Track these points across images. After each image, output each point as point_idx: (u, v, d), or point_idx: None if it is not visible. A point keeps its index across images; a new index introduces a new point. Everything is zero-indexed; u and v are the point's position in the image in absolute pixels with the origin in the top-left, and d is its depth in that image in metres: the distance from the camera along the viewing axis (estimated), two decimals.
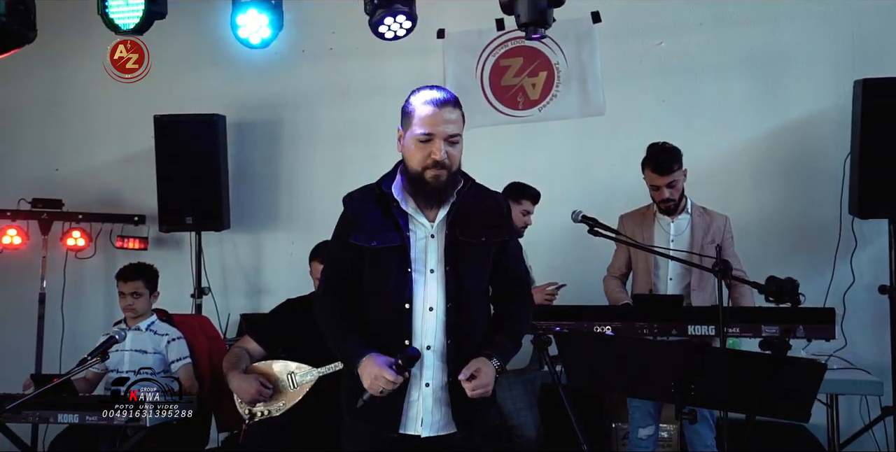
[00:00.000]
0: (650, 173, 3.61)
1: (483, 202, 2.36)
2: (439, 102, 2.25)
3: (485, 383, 2.16)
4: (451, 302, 2.22)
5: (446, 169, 2.23)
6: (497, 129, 4.96)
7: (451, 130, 2.25)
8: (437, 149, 2.21)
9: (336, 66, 5.23)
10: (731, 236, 3.76)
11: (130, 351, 3.94)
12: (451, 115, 2.26)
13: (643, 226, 3.71)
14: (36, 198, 5.09)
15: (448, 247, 2.25)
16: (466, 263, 2.26)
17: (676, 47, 4.78)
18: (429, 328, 2.22)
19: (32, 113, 5.58)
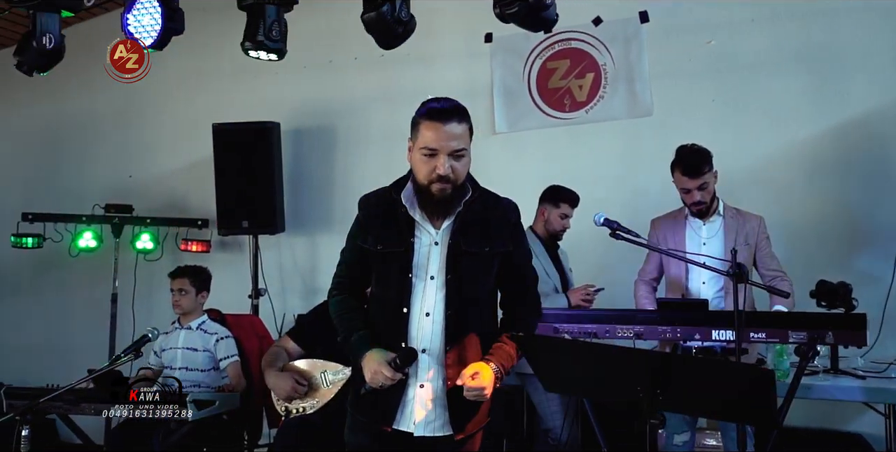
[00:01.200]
0: (680, 176, 3.54)
1: (490, 211, 2.38)
2: (444, 117, 2.29)
3: (481, 386, 2.17)
4: (451, 309, 2.26)
5: (451, 183, 2.26)
6: (544, 132, 4.98)
7: (454, 145, 2.26)
8: (441, 164, 2.24)
9: (387, 73, 5.34)
10: (767, 237, 3.64)
11: (182, 349, 4.15)
12: (455, 130, 2.27)
13: (675, 230, 3.64)
14: (109, 204, 5.41)
15: (451, 256, 2.28)
16: (468, 272, 2.29)
17: (727, 45, 4.66)
18: (425, 332, 2.27)
19: (108, 123, 5.95)
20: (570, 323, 3.14)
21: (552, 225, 4.04)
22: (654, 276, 3.77)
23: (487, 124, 5.10)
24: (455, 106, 2.36)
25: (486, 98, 5.11)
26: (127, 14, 2.80)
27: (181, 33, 2.94)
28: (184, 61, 5.65)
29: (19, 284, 6.00)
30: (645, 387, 1.71)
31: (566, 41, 4.94)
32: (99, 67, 5.89)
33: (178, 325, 4.22)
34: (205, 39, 4.96)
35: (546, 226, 4.06)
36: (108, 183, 5.82)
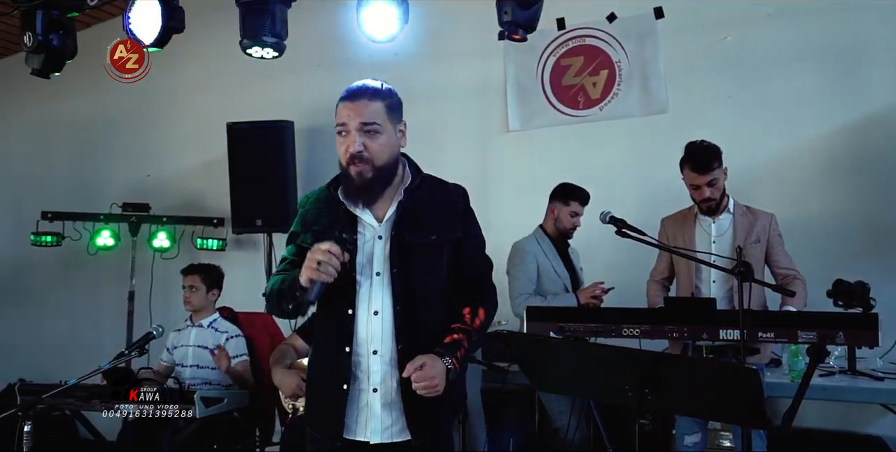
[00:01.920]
0: (689, 172, 3.48)
1: (436, 197, 2.23)
2: (354, 95, 2.12)
3: (429, 376, 2.01)
4: (399, 305, 2.11)
5: (367, 163, 2.08)
6: (557, 129, 4.94)
7: (366, 117, 2.08)
8: (351, 142, 2.08)
9: (401, 72, 5.30)
10: (779, 234, 3.57)
11: (193, 347, 4.17)
12: (365, 105, 2.10)
13: (684, 228, 3.59)
14: (126, 203, 5.46)
15: (394, 249, 2.13)
16: (415, 264, 2.13)
17: (743, 40, 4.59)
18: (374, 333, 2.11)
19: (126, 123, 6.01)
20: (574, 321, 3.10)
21: (562, 223, 4.00)
22: (666, 276, 3.72)
23: (501, 122, 5.07)
24: (368, 85, 2.17)
25: (500, 96, 5.08)
26: (128, 13, 2.82)
27: (182, 31, 2.95)
28: (200, 61, 5.70)
29: (39, 282, 6.08)
30: (633, 387, 1.67)
31: (580, 38, 4.90)
32: None
33: (190, 323, 4.24)
34: (220, 39, 4.95)
35: (556, 225, 4.02)
36: (126, 182, 5.88)
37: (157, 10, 2.78)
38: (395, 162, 2.17)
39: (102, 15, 5.63)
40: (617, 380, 1.70)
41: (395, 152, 2.17)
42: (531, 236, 4.04)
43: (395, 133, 2.16)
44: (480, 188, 5.11)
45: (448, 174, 5.01)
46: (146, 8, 2.80)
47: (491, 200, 5.06)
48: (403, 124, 2.21)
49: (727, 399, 1.57)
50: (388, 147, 2.13)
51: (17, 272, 6.12)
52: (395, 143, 2.17)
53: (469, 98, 5.17)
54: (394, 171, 2.18)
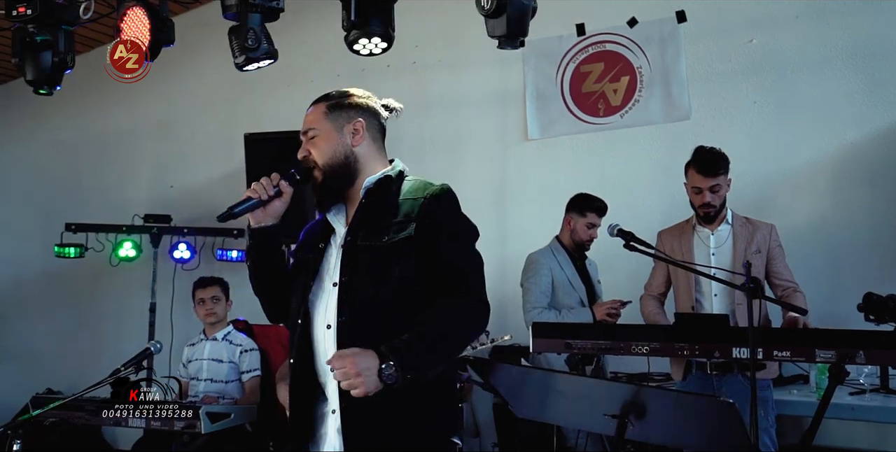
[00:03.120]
0: (694, 174, 3.39)
1: (403, 197, 2.04)
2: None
3: (349, 362, 1.75)
4: (344, 316, 1.93)
5: (314, 166, 2.06)
6: (577, 138, 4.84)
7: (304, 126, 2.09)
8: (300, 151, 2.11)
9: (419, 80, 5.27)
10: (780, 245, 3.45)
11: (208, 361, 4.16)
12: (308, 114, 2.11)
13: (682, 240, 3.48)
14: (147, 214, 5.49)
15: (346, 255, 1.98)
16: (363, 271, 1.96)
17: (769, 44, 4.43)
18: (329, 349, 1.94)
19: (150, 135, 6.06)
20: (582, 338, 2.99)
21: (578, 235, 3.89)
22: (663, 291, 3.62)
23: (520, 131, 4.98)
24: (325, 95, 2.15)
25: (519, 104, 4.99)
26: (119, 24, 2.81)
27: (172, 44, 2.93)
28: (221, 73, 5.70)
29: (65, 293, 6.14)
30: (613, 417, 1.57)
31: (600, 44, 4.79)
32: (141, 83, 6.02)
33: (204, 336, 4.23)
34: None
35: (572, 236, 3.91)
36: (149, 193, 5.91)
37: (146, 23, 2.76)
38: (345, 161, 2.06)
39: None
40: (596, 410, 1.60)
41: (343, 152, 2.06)
42: (546, 248, 3.94)
43: (338, 133, 2.07)
44: (499, 197, 5.04)
45: (466, 183, 4.97)
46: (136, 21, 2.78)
47: (509, 210, 4.98)
48: (358, 123, 2.08)
49: (707, 431, 1.46)
50: (329, 147, 2.06)
51: (45, 283, 6.19)
52: (341, 143, 2.07)
53: (487, 106, 5.09)
54: (347, 171, 2.06)
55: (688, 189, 3.50)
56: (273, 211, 2.11)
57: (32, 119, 6.50)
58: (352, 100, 2.13)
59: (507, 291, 4.23)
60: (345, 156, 2.07)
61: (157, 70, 5.82)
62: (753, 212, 3.80)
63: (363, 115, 2.11)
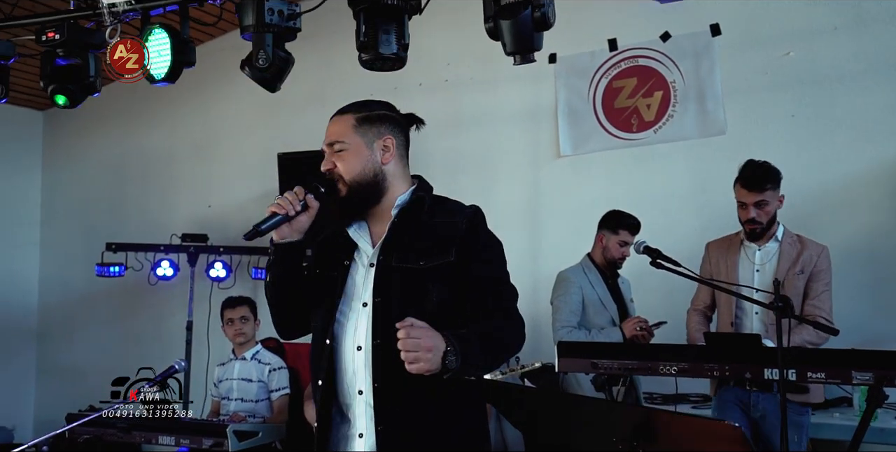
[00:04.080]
0: (739, 188, 3.29)
1: (436, 219, 2.00)
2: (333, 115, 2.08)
3: (418, 338, 1.73)
4: (379, 338, 1.88)
5: (339, 180, 1.99)
6: (610, 154, 4.77)
7: (331, 138, 2.02)
8: (323, 163, 2.03)
9: (451, 97, 5.27)
10: (825, 269, 3.27)
11: (238, 380, 4.17)
12: (332, 125, 2.04)
13: (728, 255, 3.37)
14: (185, 233, 5.57)
15: (379, 275, 1.95)
16: (400, 293, 1.92)
17: (807, 55, 4.32)
18: (358, 370, 1.91)
19: (189, 156, 6.17)
20: (607, 358, 2.91)
21: (610, 252, 3.81)
22: (708, 305, 3.50)
23: (552, 147, 4.93)
24: (346, 104, 2.09)
25: (551, 120, 4.94)
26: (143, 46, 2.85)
27: (192, 65, 2.96)
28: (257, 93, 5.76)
29: (107, 310, 6.26)
30: (623, 441, 1.51)
31: (633, 59, 4.73)
32: (179, 105, 6.19)
33: (234, 356, 4.24)
34: None
35: (604, 254, 3.83)
36: (188, 213, 6.00)
37: (167, 46, 2.81)
38: (374, 179, 2.00)
39: None
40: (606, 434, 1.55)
41: (373, 169, 2.00)
42: (577, 265, 3.87)
43: (368, 148, 2.01)
44: (531, 214, 4.99)
45: (499, 200, 4.94)
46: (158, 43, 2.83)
47: (542, 227, 4.92)
48: (388, 139, 2.03)
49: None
50: (358, 163, 1.99)
51: (88, 300, 6.31)
52: (371, 159, 2.00)
53: (519, 123, 5.06)
54: (375, 189, 2.01)
55: (736, 203, 3.38)
56: (298, 226, 2.02)
57: (78, 142, 6.70)
58: (381, 114, 2.06)
59: (540, 309, 4.16)
60: (374, 173, 2.01)
61: (195, 93, 6.01)
62: (791, 228, 3.69)
63: (393, 131, 2.05)
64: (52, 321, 6.67)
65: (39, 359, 6.68)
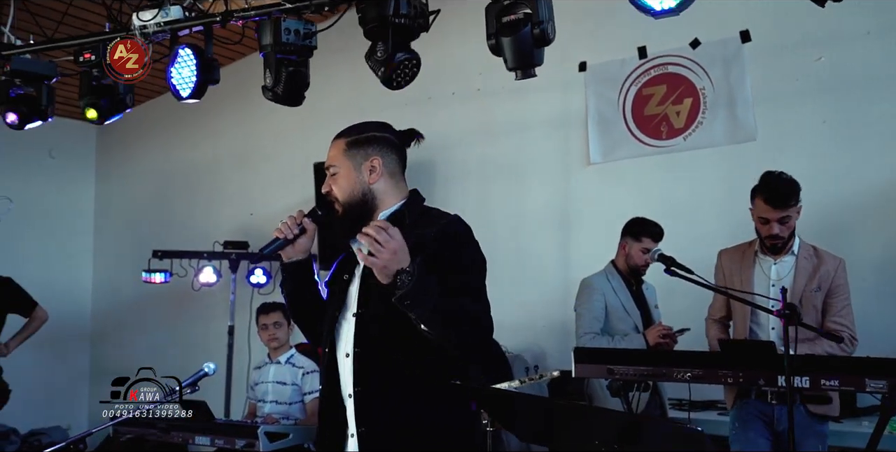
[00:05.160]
0: (762, 204, 3.17)
1: (413, 230, 2.04)
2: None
3: (387, 240, 1.84)
4: (359, 347, 2.06)
5: (335, 201, 2.16)
6: (639, 161, 4.78)
7: (327, 162, 2.19)
8: (323, 186, 2.21)
9: (484, 106, 5.34)
10: (843, 283, 3.20)
11: (272, 383, 4.31)
12: (330, 149, 2.20)
13: (742, 267, 3.31)
14: (227, 241, 5.75)
15: (363, 288, 2.10)
16: (379, 304, 2.02)
17: (838, 61, 4.28)
18: (347, 375, 2.09)
19: (232, 165, 6.38)
20: (623, 364, 2.94)
21: (633, 259, 3.83)
22: (724, 314, 3.47)
23: (582, 155, 4.96)
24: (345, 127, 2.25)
25: (581, 128, 4.98)
26: (171, 67, 3.00)
27: (217, 83, 3.10)
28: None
29: (154, 315, 6.49)
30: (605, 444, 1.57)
31: (662, 66, 4.74)
32: (223, 118, 6.38)
33: (269, 360, 4.38)
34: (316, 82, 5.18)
35: (627, 261, 3.85)
36: (231, 221, 6.20)
37: (192, 65, 2.95)
38: (363, 198, 2.13)
39: None
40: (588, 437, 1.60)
41: (360, 189, 2.14)
42: (601, 272, 3.90)
43: (355, 171, 2.14)
44: (562, 222, 5.02)
45: (529, 207, 4.97)
46: (185, 62, 2.97)
47: (572, 234, 4.95)
48: (376, 160, 2.14)
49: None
50: (347, 185, 2.14)
51: (137, 305, 6.56)
52: (358, 181, 2.14)
53: (550, 131, 5.11)
54: (365, 207, 2.14)
55: (753, 216, 3.28)
56: (301, 247, 2.24)
57: (128, 155, 6.99)
58: (369, 136, 2.19)
59: (571, 316, 4.18)
60: (362, 193, 2.15)
61: (237, 107, 6.18)
62: (821, 238, 3.65)
63: (380, 152, 2.17)
64: (104, 325, 6.95)
65: (93, 362, 6.96)
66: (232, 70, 6.08)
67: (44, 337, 6.55)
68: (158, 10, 2.84)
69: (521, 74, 2.51)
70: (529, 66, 2.48)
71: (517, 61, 2.48)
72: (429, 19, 2.66)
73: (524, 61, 2.47)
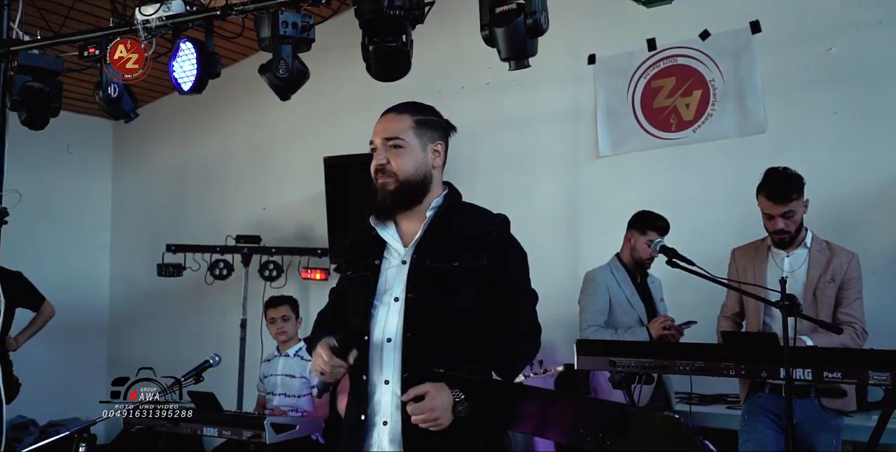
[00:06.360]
0: (764, 200, 3.21)
1: (469, 224, 2.11)
2: (386, 111, 2.16)
3: (427, 408, 1.86)
4: (410, 332, 2.01)
5: (391, 176, 2.09)
6: (649, 153, 4.76)
7: (389, 133, 2.10)
8: (376, 155, 2.12)
9: (493, 100, 5.33)
10: (856, 277, 3.19)
11: (282, 376, 4.35)
12: (390, 120, 2.12)
13: (755, 262, 3.31)
14: (239, 235, 5.79)
15: (413, 272, 2.06)
16: (432, 291, 2.03)
17: (850, 51, 4.23)
18: (386, 361, 2.04)
19: (245, 161, 6.42)
20: (625, 356, 2.94)
21: (638, 253, 3.81)
22: (737, 311, 3.46)
23: (591, 148, 4.94)
24: (401, 102, 2.18)
25: (590, 121, 4.96)
26: (172, 61, 3.02)
27: (217, 77, 3.12)
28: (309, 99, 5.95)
29: (169, 309, 6.55)
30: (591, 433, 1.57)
31: (672, 58, 4.71)
32: (236, 114, 6.41)
33: (278, 353, 4.42)
34: (328, 77, 5.22)
35: (632, 254, 3.84)
36: (244, 215, 6.25)
37: (193, 58, 2.97)
38: (423, 180, 2.12)
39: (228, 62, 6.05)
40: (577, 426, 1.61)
41: (424, 170, 2.11)
42: (605, 265, 3.89)
43: (422, 150, 2.12)
44: (571, 215, 5.01)
45: (538, 201, 4.97)
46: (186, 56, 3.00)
47: (581, 227, 4.94)
48: (439, 144, 2.15)
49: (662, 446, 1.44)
50: (412, 163, 2.10)
51: (153, 299, 6.63)
52: (423, 161, 2.12)
53: (559, 124, 5.09)
54: (421, 190, 2.12)
55: (761, 213, 3.31)
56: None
57: (143, 150, 7.05)
58: (437, 120, 2.19)
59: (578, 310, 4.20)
60: (424, 175, 2.12)
61: (250, 102, 6.21)
62: (834, 230, 3.63)
63: (444, 138, 2.19)
64: (121, 318, 7.03)
65: (110, 354, 7.04)
66: (244, 66, 6.13)
67: (62, 330, 6.66)
68: (160, 4, 2.88)
69: (515, 65, 2.51)
70: (523, 56, 2.48)
71: (510, 52, 2.48)
72: (424, 11, 2.66)
73: (517, 52, 2.47)
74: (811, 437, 3.14)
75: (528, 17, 2.40)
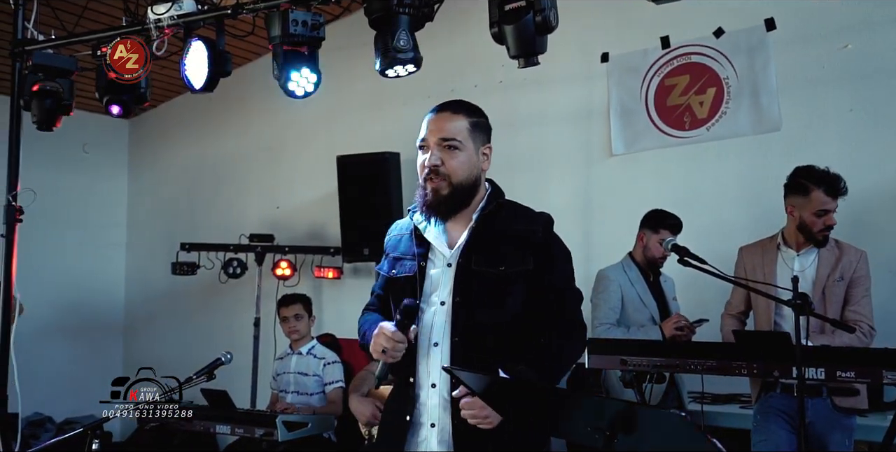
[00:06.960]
0: (821, 196, 3.16)
1: (513, 225, 2.09)
2: (439, 108, 2.11)
3: (478, 405, 1.88)
4: (458, 336, 2.01)
5: (444, 178, 2.03)
6: (662, 152, 4.73)
7: (445, 133, 2.04)
8: (429, 156, 2.05)
9: (506, 98, 5.32)
10: (864, 275, 3.18)
11: (294, 374, 4.36)
12: (446, 120, 2.07)
13: (765, 261, 3.29)
14: (253, 234, 5.81)
15: (460, 277, 2.04)
16: (480, 294, 2.02)
17: (865, 48, 4.18)
18: (433, 364, 2.03)
19: (259, 160, 6.45)
20: (636, 355, 2.93)
21: (651, 251, 3.80)
22: (742, 310, 3.45)
23: (604, 146, 4.92)
24: (454, 101, 2.16)
25: (604, 120, 4.94)
26: (184, 60, 3.04)
27: (229, 75, 3.13)
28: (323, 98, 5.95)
29: (184, 307, 6.60)
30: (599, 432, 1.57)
31: (685, 56, 4.68)
32: (250, 113, 6.45)
33: (290, 351, 4.44)
34: (341, 76, 5.22)
35: (644, 253, 3.82)
36: (258, 214, 6.27)
37: (204, 57, 2.98)
38: (474, 183, 2.10)
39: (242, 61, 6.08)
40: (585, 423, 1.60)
41: (475, 173, 2.10)
42: (618, 264, 3.88)
43: (476, 153, 2.10)
44: (584, 213, 4.99)
45: (551, 200, 4.99)
46: (198, 54, 3.01)
47: (595, 226, 4.92)
48: (488, 148, 2.15)
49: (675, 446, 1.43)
50: (467, 165, 2.07)
51: (168, 297, 6.68)
52: (476, 164, 2.10)
53: (572, 122, 5.07)
54: (472, 193, 2.10)
55: (799, 212, 3.24)
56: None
57: (158, 149, 7.10)
58: (487, 122, 2.18)
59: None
60: (475, 178, 2.11)
61: (263, 101, 6.23)
62: (848, 229, 3.59)
63: (490, 141, 2.18)
64: (136, 316, 7.08)
65: (126, 352, 7.09)
66: (257, 65, 6.16)
67: (79, 328, 6.75)
68: (172, 3, 2.89)
69: (524, 62, 2.50)
70: (532, 54, 2.47)
71: (519, 49, 2.47)
72: (434, 9, 2.65)
73: (527, 49, 2.46)
74: (824, 437, 3.12)
75: (536, 14, 2.39)
